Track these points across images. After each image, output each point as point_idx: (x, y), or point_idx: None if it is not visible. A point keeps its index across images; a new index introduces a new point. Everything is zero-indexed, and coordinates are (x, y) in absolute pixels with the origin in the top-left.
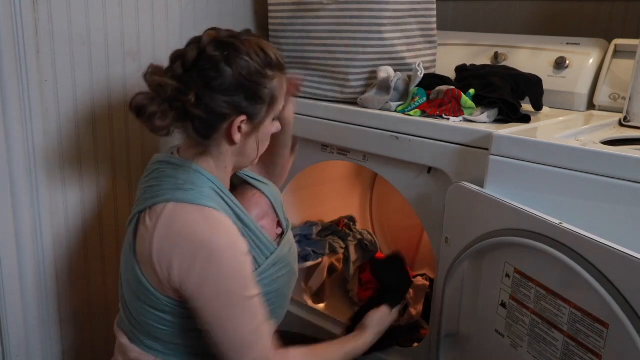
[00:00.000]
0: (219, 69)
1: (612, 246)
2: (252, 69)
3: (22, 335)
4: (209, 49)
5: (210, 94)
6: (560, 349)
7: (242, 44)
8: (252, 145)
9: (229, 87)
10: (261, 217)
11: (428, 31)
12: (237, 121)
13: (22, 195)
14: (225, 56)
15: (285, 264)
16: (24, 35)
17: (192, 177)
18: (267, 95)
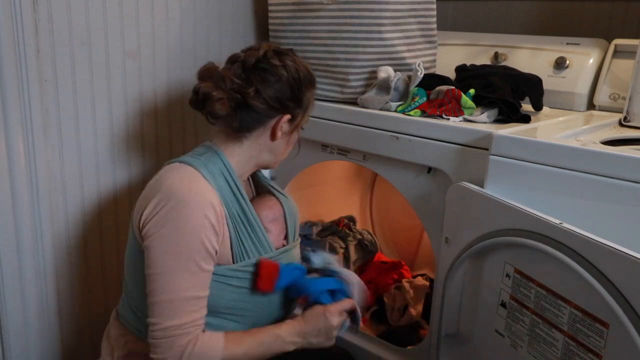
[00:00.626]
0: (276, 70)
1: (612, 246)
2: (301, 77)
3: (22, 335)
4: (269, 54)
5: (267, 89)
6: (561, 349)
7: (294, 57)
8: (282, 146)
9: (281, 87)
10: (270, 220)
11: (428, 31)
12: (284, 119)
13: (22, 195)
14: (282, 61)
15: None
16: (24, 35)
17: (207, 153)
18: (305, 101)
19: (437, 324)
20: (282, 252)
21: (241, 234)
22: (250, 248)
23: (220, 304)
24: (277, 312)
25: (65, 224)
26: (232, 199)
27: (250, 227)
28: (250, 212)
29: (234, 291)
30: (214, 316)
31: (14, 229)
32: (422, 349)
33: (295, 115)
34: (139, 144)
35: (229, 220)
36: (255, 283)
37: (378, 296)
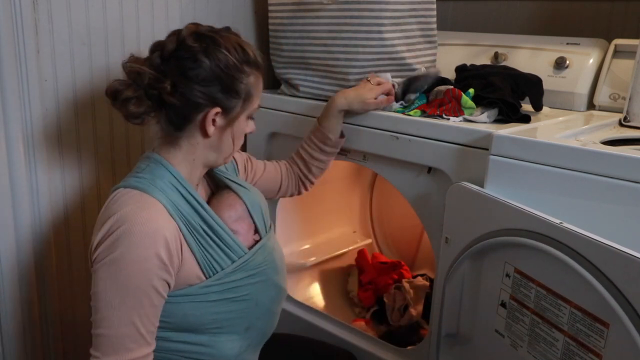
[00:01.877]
0: (196, 59)
1: (613, 245)
2: (229, 62)
3: (22, 335)
4: (188, 40)
5: (186, 83)
6: (561, 349)
7: (221, 38)
8: (227, 141)
9: (205, 77)
10: (234, 220)
11: (428, 31)
12: (211, 113)
13: (22, 195)
14: (204, 48)
15: (256, 272)
16: (24, 35)
17: (152, 167)
18: (242, 90)
19: (437, 324)
20: (257, 250)
21: (207, 246)
22: (220, 257)
23: (204, 322)
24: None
25: (65, 225)
26: (191, 212)
27: (216, 236)
28: (213, 220)
29: (215, 306)
30: (204, 334)
31: (14, 229)
32: (422, 349)
33: (229, 107)
34: (138, 144)
35: (189, 238)
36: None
37: (378, 296)
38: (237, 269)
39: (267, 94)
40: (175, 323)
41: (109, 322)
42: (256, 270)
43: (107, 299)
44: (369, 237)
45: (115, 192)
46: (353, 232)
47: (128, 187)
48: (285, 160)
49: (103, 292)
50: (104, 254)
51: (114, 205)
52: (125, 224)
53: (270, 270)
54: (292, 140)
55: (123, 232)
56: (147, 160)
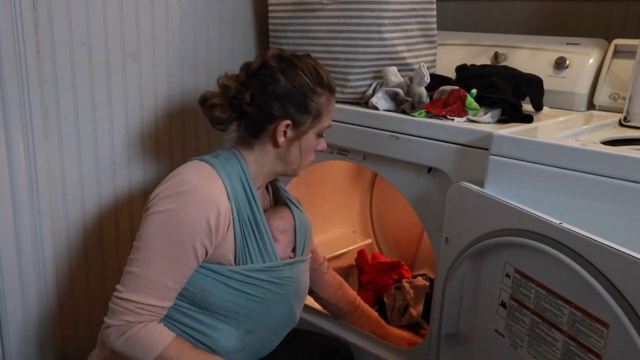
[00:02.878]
0: (275, 77)
1: (612, 246)
2: (303, 82)
3: (22, 335)
4: (271, 61)
5: (263, 96)
6: (560, 349)
7: (299, 62)
8: (294, 153)
9: (280, 93)
10: (279, 230)
11: (428, 31)
12: (282, 124)
13: (22, 195)
14: (282, 68)
15: (280, 284)
16: (24, 35)
17: (228, 155)
18: (313, 108)
19: (437, 324)
20: (287, 264)
21: (248, 237)
22: (254, 253)
23: (216, 303)
24: (275, 324)
25: (66, 224)
26: (245, 202)
27: (258, 233)
28: (260, 218)
29: (232, 293)
30: (208, 315)
31: (14, 229)
32: (422, 349)
33: (299, 121)
34: (139, 145)
35: (236, 222)
36: None
37: (378, 296)
38: (264, 269)
39: None
40: (192, 293)
41: (144, 264)
42: (280, 282)
43: (151, 243)
44: (369, 237)
45: (190, 161)
46: (353, 232)
47: (203, 160)
48: (335, 281)
49: (149, 235)
50: (161, 203)
51: (186, 168)
52: (189, 185)
53: (291, 289)
54: None
55: (185, 191)
56: (226, 151)
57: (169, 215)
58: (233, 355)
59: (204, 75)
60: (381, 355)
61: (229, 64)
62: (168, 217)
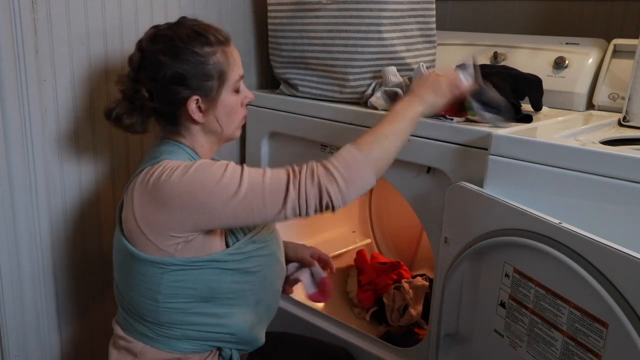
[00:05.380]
0: (158, 62)
1: (612, 246)
2: (187, 52)
3: (21, 334)
4: (147, 46)
5: (158, 86)
6: (560, 349)
7: (174, 32)
8: (222, 118)
9: (172, 75)
10: None
11: (427, 31)
12: (191, 101)
13: (20, 195)
14: (161, 48)
15: (264, 245)
16: (22, 35)
17: (170, 148)
18: (212, 70)
19: (437, 324)
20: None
21: None
22: (236, 229)
23: (224, 290)
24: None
25: (65, 224)
26: None
27: None
28: None
29: (234, 275)
30: (220, 304)
31: (13, 229)
32: (422, 348)
33: (206, 90)
34: (138, 145)
35: None
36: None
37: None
38: (251, 240)
39: (266, 93)
40: (198, 290)
41: (253, 194)
42: (264, 244)
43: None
44: (368, 237)
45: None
46: (352, 232)
47: (153, 164)
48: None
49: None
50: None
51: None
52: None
53: (274, 245)
54: (292, 140)
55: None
56: (162, 146)
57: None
58: (253, 330)
59: None
60: (381, 355)
61: None
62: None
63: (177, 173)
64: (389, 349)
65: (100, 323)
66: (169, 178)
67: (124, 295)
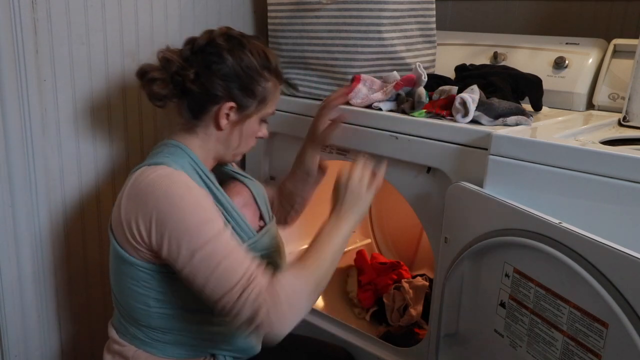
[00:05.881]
0: (221, 55)
1: (612, 246)
2: (250, 64)
3: (21, 334)
4: (218, 39)
5: (208, 74)
6: (560, 349)
7: (248, 42)
8: (235, 137)
9: (226, 73)
10: (242, 206)
11: (427, 31)
12: (225, 106)
13: (21, 195)
14: (230, 47)
15: (264, 254)
16: (22, 35)
17: (171, 150)
18: (259, 92)
19: (437, 324)
20: (265, 233)
21: None
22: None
23: None
24: None
25: (65, 225)
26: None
27: (229, 215)
28: (226, 201)
29: None
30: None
31: (13, 229)
32: (422, 348)
33: (243, 104)
34: (137, 145)
35: None
36: None
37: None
38: (248, 247)
39: None
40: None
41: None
42: (265, 251)
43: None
44: (368, 237)
45: (140, 170)
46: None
47: (149, 165)
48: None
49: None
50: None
51: (139, 180)
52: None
53: (275, 254)
54: (292, 140)
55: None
56: (164, 146)
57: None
58: (248, 338)
59: None
60: (381, 355)
61: None
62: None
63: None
64: (389, 349)
65: (100, 323)
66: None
67: (118, 299)
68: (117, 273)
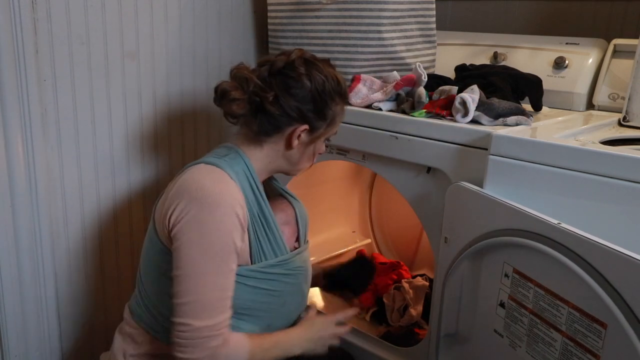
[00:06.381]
0: (301, 80)
1: (611, 246)
2: (326, 88)
3: (21, 334)
4: (297, 62)
5: (287, 97)
6: (559, 349)
7: (324, 67)
8: (302, 156)
9: (303, 97)
10: (283, 223)
11: (427, 31)
12: (300, 128)
13: (21, 195)
14: (308, 72)
15: (293, 274)
16: (22, 35)
17: (231, 154)
18: (329, 115)
19: (436, 324)
20: (296, 254)
21: (260, 234)
22: (267, 249)
23: (238, 305)
24: (290, 313)
25: (64, 225)
26: (253, 200)
27: (268, 229)
28: (269, 214)
29: (251, 292)
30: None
31: (13, 230)
32: (422, 348)
33: (315, 127)
34: (137, 145)
35: (249, 222)
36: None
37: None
38: (278, 263)
39: None
40: None
41: (197, 288)
42: (293, 272)
43: (196, 266)
44: (368, 237)
45: (193, 166)
46: (352, 232)
47: (207, 163)
48: None
49: (191, 260)
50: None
51: (194, 176)
52: (208, 196)
53: (302, 277)
54: None
55: (207, 204)
56: (227, 149)
57: (203, 235)
58: None
59: (203, 75)
60: (381, 355)
61: (228, 64)
62: (203, 237)
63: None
64: (389, 349)
65: (100, 324)
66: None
67: (143, 279)
68: (148, 256)
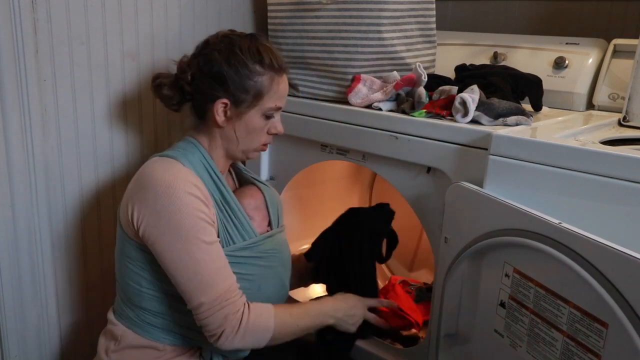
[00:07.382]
0: (211, 56)
1: (612, 246)
2: (239, 61)
3: (21, 334)
4: (212, 40)
5: (201, 75)
6: (560, 349)
7: (240, 41)
8: (239, 133)
9: (216, 72)
10: (252, 208)
11: (427, 31)
12: (218, 103)
13: (20, 194)
14: (220, 47)
15: (264, 257)
16: (22, 35)
17: (186, 145)
18: (251, 87)
19: (437, 324)
20: (266, 237)
21: (224, 220)
22: (234, 233)
23: None
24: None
25: (64, 224)
26: (214, 187)
27: (232, 214)
28: (231, 199)
29: None
30: None
31: (13, 229)
32: (422, 349)
33: (237, 101)
34: (137, 144)
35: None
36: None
37: None
38: (247, 246)
39: None
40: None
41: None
42: (264, 255)
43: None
44: None
45: (149, 160)
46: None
47: (162, 155)
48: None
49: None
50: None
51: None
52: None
53: (276, 260)
54: (292, 141)
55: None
56: (184, 142)
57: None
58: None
59: None
60: (381, 355)
61: None
62: (168, 221)
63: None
64: (389, 349)
65: (100, 324)
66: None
67: (117, 277)
68: (118, 250)
